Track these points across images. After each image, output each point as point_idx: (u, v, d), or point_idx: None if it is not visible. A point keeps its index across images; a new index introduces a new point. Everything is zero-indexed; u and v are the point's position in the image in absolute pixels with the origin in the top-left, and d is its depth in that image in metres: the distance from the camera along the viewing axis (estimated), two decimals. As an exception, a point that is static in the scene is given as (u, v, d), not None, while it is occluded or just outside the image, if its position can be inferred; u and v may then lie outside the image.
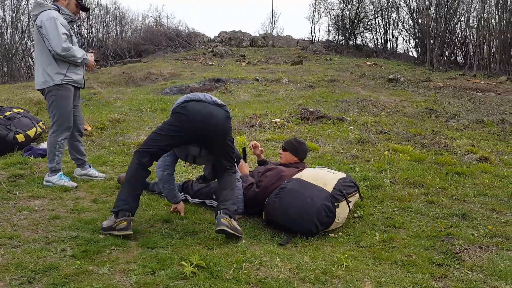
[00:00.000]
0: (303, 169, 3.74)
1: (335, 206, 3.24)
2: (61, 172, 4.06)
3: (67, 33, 3.89)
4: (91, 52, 4.14)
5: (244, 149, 4.21)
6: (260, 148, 4.23)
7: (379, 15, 22.62)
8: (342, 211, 3.32)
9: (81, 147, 4.35)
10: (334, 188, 3.31)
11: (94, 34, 23.51)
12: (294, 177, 3.50)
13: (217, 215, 3.02)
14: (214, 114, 3.09)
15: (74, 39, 4.08)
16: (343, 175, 3.55)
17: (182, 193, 3.87)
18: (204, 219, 3.45)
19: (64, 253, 2.59)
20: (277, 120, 7.04)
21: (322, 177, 3.42)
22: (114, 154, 5.33)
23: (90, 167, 4.39)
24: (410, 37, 21.41)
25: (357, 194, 3.56)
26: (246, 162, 4.11)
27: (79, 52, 3.93)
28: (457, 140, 6.42)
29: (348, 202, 3.35)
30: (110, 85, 12.59)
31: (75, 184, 4.04)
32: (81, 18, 22.25)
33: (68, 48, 3.83)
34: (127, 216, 2.92)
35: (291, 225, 3.25)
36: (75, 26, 4.91)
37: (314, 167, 4.00)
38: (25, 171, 4.37)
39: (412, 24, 20.23)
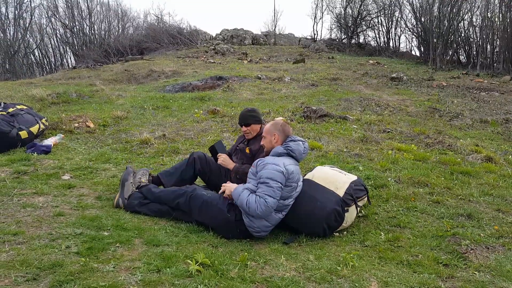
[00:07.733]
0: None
1: (344, 210, 3.22)
2: None
3: None
4: None
5: (218, 144, 3.82)
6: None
7: (381, 13, 22.51)
8: (351, 215, 3.30)
9: None
10: (345, 192, 3.26)
11: (96, 32, 23.52)
12: (305, 177, 3.45)
13: None
14: None
15: None
16: (354, 177, 3.49)
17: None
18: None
19: (68, 250, 2.57)
20: (280, 118, 7.01)
21: (334, 180, 3.36)
22: (117, 151, 5.32)
23: None
24: (413, 36, 21.25)
25: (366, 198, 3.53)
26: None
27: None
28: (461, 140, 6.39)
29: (357, 207, 3.33)
30: (112, 82, 12.56)
31: None
32: (83, 15, 22.27)
33: None
34: None
35: (299, 227, 3.23)
36: None
37: (323, 165, 3.93)
38: (28, 167, 4.35)
39: (415, 23, 20.06)
